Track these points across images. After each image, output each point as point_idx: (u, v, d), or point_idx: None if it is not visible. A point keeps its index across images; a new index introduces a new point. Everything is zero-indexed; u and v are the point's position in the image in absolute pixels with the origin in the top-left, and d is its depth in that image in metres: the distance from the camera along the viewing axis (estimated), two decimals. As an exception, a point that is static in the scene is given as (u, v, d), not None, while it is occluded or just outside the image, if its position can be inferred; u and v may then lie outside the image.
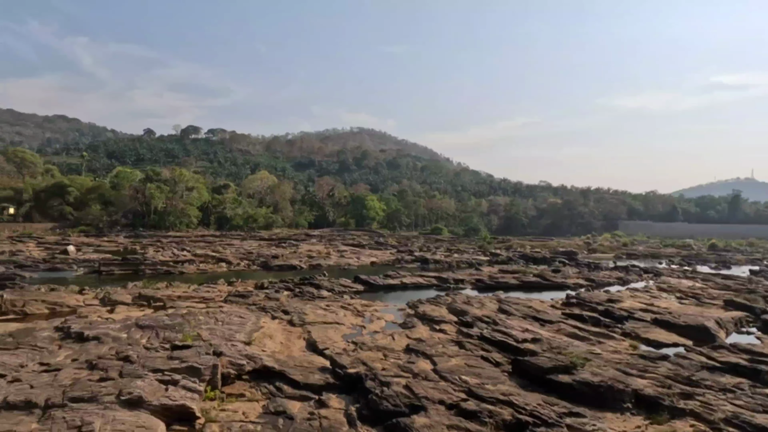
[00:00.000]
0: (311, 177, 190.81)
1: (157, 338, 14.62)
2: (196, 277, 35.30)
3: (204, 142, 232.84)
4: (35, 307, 21.27)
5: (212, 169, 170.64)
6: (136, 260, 39.81)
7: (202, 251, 50.79)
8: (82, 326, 15.44)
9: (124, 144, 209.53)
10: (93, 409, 9.59)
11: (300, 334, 17.54)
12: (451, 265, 45.34)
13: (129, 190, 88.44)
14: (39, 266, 37.55)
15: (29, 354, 12.81)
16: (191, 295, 25.02)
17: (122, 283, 29.37)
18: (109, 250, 53.52)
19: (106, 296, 23.92)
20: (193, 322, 16.40)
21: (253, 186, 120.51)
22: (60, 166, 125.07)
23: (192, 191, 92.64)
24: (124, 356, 12.61)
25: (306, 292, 26.95)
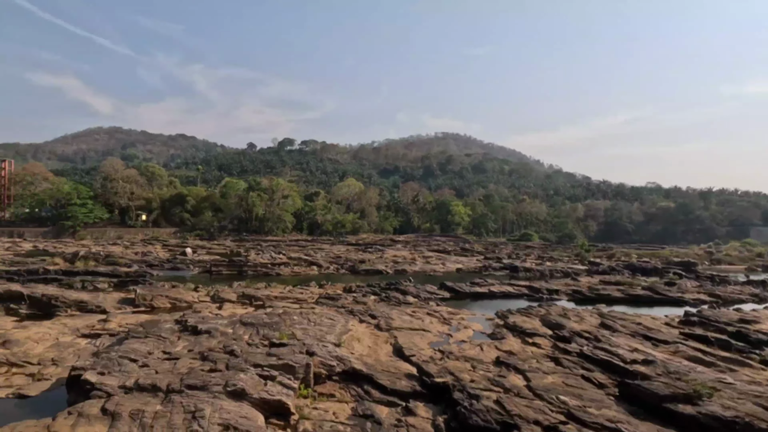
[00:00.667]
0: (396, 183, 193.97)
1: (258, 335, 15.79)
2: (290, 279, 37.76)
3: (298, 153, 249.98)
4: (160, 302, 24.47)
5: (305, 178, 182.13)
6: (240, 262, 43.87)
7: (296, 255, 54.27)
8: (196, 320, 17.30)
9: (231, 157, 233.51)
10: (204, 396, 10.61)
11: (387, 338, 17.70)
12: (544, 274, 42.54)
13: (234, 199, 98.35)
14: (164, 266, 43.33)
15: (155, 343, 14.66)
16: (287, 296, 26.78)
17: (229, 282, 32.55)
18: (219, 252, 59.81)
19: (215, 294, 26.67)
20: (288, 321, 17.46)
21: (342, 193, 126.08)
22: (180, 179, 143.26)
23: (287, 199, 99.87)
24: (230, 350, 13.81)
25: (392, 297, 27.24)
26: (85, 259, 44.17)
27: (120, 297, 25.43)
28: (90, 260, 43.88)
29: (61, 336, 17.29)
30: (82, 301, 22.85)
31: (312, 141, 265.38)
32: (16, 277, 31.50)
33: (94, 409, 9.92)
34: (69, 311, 21.90)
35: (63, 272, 34.17)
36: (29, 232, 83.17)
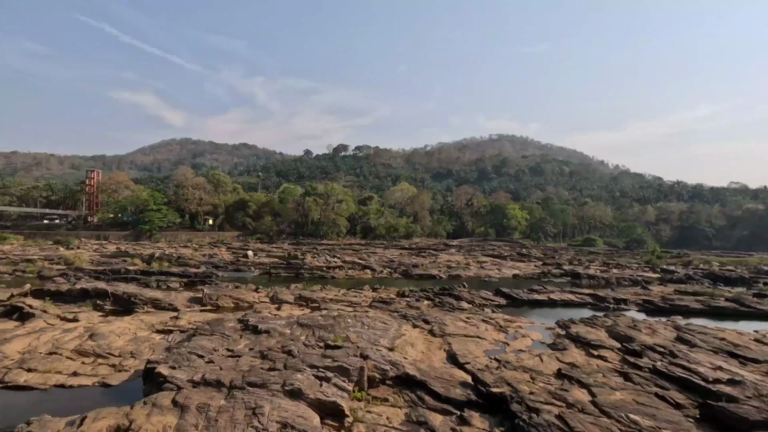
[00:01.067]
0: (449, 187, 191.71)
1: (314, 336, 16.19)
2: (345, 282, 38.44)
3: (351, 158, 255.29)
4: (224, 301, 25.93)
5: (358, 183, 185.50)
6: (297, 265, 45.44)
7: (350, 258, 55.25)
8: (256, 320, 18.10)
9: (288, 164, 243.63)
10: (264, 394, 11.03)
11: (440, 344, 17.42)
12: (610, 282, 39.82)
13: (292, 204, 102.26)
14: (228, 267, 45.95)
15: (220, 340, 15.52)
16: (341, 299, 27.28)
17: (286, 284, 33.80)
18: (277, 255, 62.42)
19: (274, 295, 27.78)
20: (342, 324, 17.74)
21: (395, 197, 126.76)
22: (243, 185, 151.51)
23: (341, 203, 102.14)
24: (288, 350, 14.27)
25: (446, 303, 26.81)
26: (160, 260, 48.02)
27: (189, 296, 27.29)
28: (164, 261, 47.65)
29: (139, 331, 18.84)
30: (157, 299, 24.79)
31: (365, 146, 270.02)
32: (102, 276, 34.92)
33: (166, 400, 10.66)
34: (145, 308, 23.86)
35: (141, 272, 37.35)
36: (113, 235, 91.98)
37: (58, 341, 16.64)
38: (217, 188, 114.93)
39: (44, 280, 33.12)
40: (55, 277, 34.49)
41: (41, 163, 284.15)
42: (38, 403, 11.94)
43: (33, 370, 13.88)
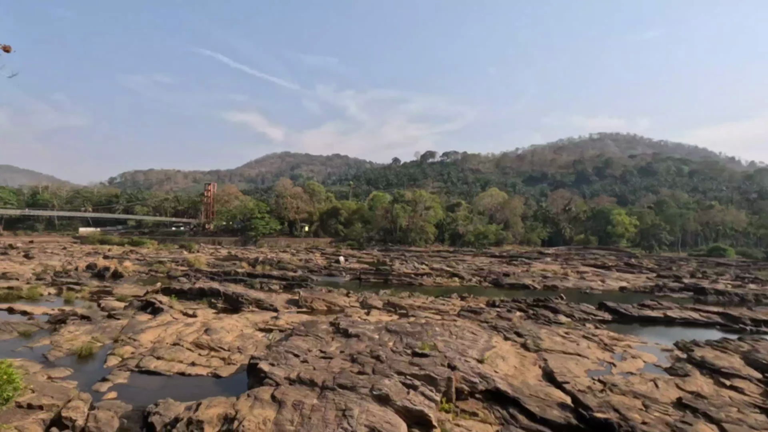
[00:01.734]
0: (543, 191, 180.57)
1: (401, 343, 16.25)
2: (432, 289, 38.14)
3: (439, 165, 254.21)
4: (318, 304, 27.36)
5: (446, 189, 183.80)
6: (386, 271, 46.28)
7: (437, 266, 54.74)
8: (347, 324, 18.75)
9: (377, 172, 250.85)
10: (353, 397, 11.32)
11: (535, 360, 16.30)
12: (745, 300, 33.82)
13: (381, 211, 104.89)
14: (321, 272, 48.53)
15: (313, 341, 16.35)
16: (429, 306, 27.08)
17: (375, 290, 34.59)
18: (367, 261, 64.30)
19: (364, 300, 28.60)
20: (430, 332, 17.55)
21: (484, 203, 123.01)
22: (335, 194, 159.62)
23: (429, 210, 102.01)
24: (376, 355, 14.50)
25: (541, 315, 25.10)
26: (263, 264, 52.54)
27: (287, 298, 29.34)
28: (266, 265, 52.02)
29: (245, 328, 20.70)
30: (260, 300, 27.07)
31: (453, 152, 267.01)
32: (216, 277, 39.23)
33: (266, 395, 11.50)
34: (251, 307, 26.19)
35: (247, 274, 41.16)
36: (225, 240, 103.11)
37: (180, 334, 19.01)
38: (312, 197, 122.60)
39: (171, 279, 38.26)
40: (179, 277, 39.63)
41: (170, 178, 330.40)
42: (164, 388, 13.71)
43: (161, 358, 16.00)
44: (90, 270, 42.83)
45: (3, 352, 15.79)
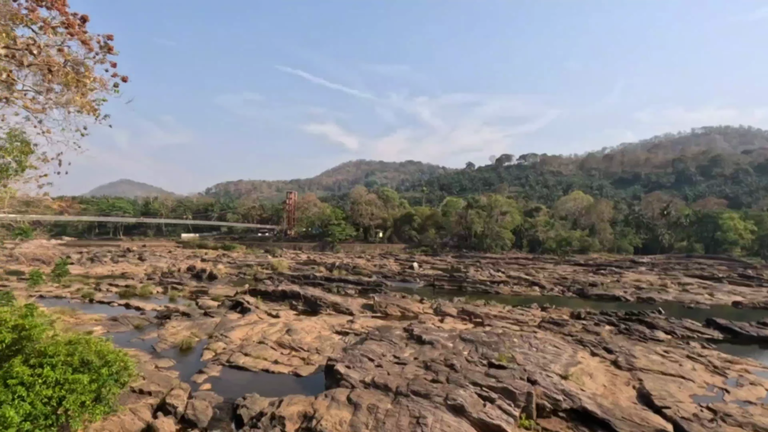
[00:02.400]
0: (636, 194, 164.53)
1: (477, 353, 15.75)
2: (510, 298, 36.53)
3: (516, 168, 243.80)
4: (392, 310, 27.58)
5: (524, 193, 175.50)
6: (461, 278, 45.33)
7: (515, 273, 52.35)
8: (421, 331, 18.64)
9: (451, 177, 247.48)
10: (427, 405, 11.18)
11: (628, 379, 14.80)
12: None
13: (455, 216, 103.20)
14: (395, 278, 48.96)
15: (387, 346, 16.49)
16: (506, 316, 25.95)
17: (449, 297, 34.02)
18: (441, 267, 63.56)
19: (438, 307, 28.25)
20: (507, 343, 16.78)
21: (566, 207, 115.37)
22: (409, 200, 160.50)
23: (506, 215, 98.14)
24: (450, 364, 14.21)
25: (634, 331, 22.77)
26: (339, 269, 54.39)
27: (362, 302, 30.01)
28: (342, 270, 53.78)
29: (322, 330, 21.53)
30: (337, 303, 28.02)
31: (531, 155, 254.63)
32: (296, 280, 41.42)
33: (342, 396, 11.82)
34: (328, 311, 27.21)
35: (325, 278, 42.88)
36: (305, 246, 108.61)
37: (265, 333, 20.32)
38: (386, 203, 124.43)
39: (257, 281, 41.16)
40: (264, 279, 42.50)
41: (257, 187, 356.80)
42: (250, 382, 14.73)
43: (248, 355, 17.23)
44: (190, 271, 47.73)
45: (121, 342, 18.10)
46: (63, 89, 8.14)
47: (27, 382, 7.83)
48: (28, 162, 12.03)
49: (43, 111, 8.29)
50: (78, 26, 7.36)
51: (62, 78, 7.79)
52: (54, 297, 30.31)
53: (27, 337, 8.58)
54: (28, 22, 7.23)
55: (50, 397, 7.88)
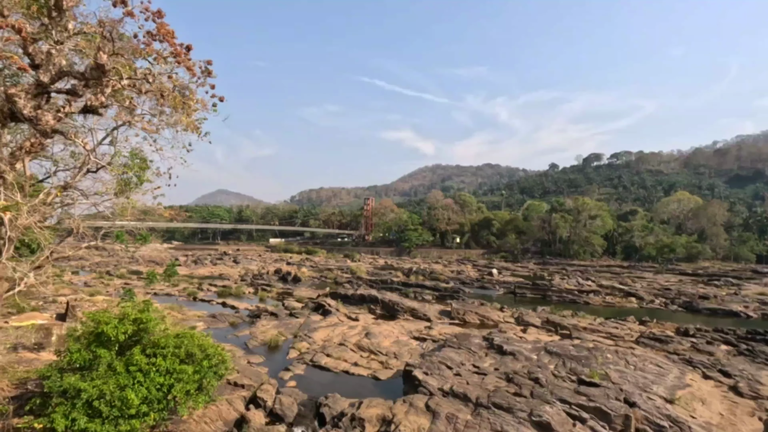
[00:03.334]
0: (758, 193, 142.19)
1: (564, 367, 14.68)
2: (601, 309, 33.60)
3: (606, 168, 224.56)
4: (470, 317, 26.85)
5: (616, 195, 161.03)
6: (544, 286, 42.76)
7: (607, 282, 48.09)
8: (501, 340, 17.88)
9: (532, 180, 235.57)
10: (509, 419, 10.65)
11: (752, 410, 12.72)
12: None
13: (537, 221, 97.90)
14: (473, 284, 47.66)
15: (466, 355, 16.06)
16: (597, 329, 23.88)
17: (532, 306, 32.23)
18: (522, 274, 60.58)
19: (520, 316, 26.90)
20: (600, 358, 15.40)
21: (668, 210, 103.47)
22: (486, 204, 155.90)
23: (595, 219, 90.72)
24: (535, 377, 13.41)
25: (759, 353, 19.54)
26: (416, 274, 54.41)
27: (440, 308, 29.64)
28: (419, 275, 53.73)
29: (400, 335, 21.65)
30: (414, 309, 28.01)
31: (624, 152, 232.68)
32: (374, 285, 42.24)
33: (420, 403, 11.73)
34: (405, 316, 27.31)
35: (402, 284, 43.19)
36: (382, 250, 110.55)
37: (345, 335, 20.98)
38: (463, 208, 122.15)
39: (337, 285, 42.76)
40: (344, 283, 44.01)
41: (337, 194, 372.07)
42: (332, 383, 15.27)
43: (330, 356, 17.90)
44: (277, 274, 51.11)
45: (218, 337, 19.89)
46: (172, 111, 9.23)
47: (144, 370, 8.92)
48: (146, 176, 13.82)
49: (156, 131, 9.46)
50: (184, 55, 8.30)
51: (172, 101, 8.83)
52: (165, 294, 34.35)
53: (144, 330, 9.80)
54: (144, 55, 8.33)
55: (162, 384, 8.89)
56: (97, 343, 9.14)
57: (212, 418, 10.80)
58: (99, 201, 13.75)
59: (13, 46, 8.08)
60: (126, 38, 8.09)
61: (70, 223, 12.40)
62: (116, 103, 8.89)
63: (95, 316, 9.49)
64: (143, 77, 8.15)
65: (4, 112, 7.59)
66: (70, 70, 7.84)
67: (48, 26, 7.89)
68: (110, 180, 13.51)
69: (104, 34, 7.56)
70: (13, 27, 7.19)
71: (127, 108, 9.08)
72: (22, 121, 7.77)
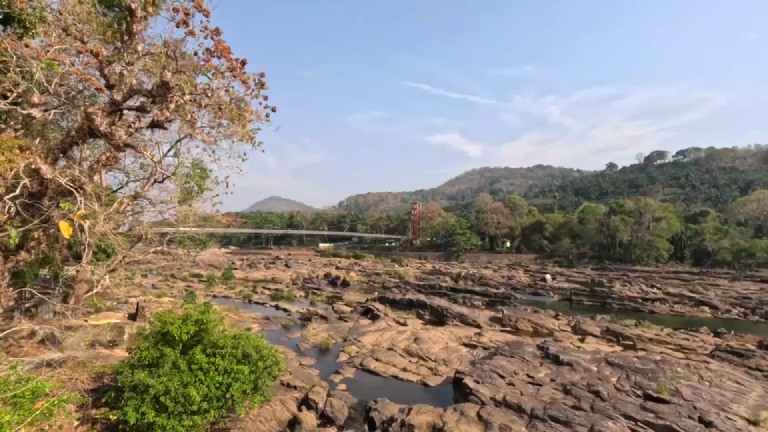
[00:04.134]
0: None
1: (628, 380, 13.71)
2: (669, 319, 31.13)
3: (671, 166, 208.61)
4: (523, 324, 25.88)
5: (683, 195, 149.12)
6: (603, 293, 40.33)
7: (675, 290, 44.54)
8: (557, 350, 17.04)
9: (588, 181, 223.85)
10: (568, 434, 10.10)
11: None
12: None
13: (594, 224, 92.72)
14: (525, 290, 45.94)
15: (519, 364, 15.46)
16: (665, 340, 22.13)
17: (590, 313, 30.50)
18: (578, 280, 57.56)
19: (576, 324, 25.55)
20: (668, 372, 14.22)
21: (745, 210, 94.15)
22: (538, 207, 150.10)
23: (660, 221, 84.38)
24: (595, 390, 12.63)
25: None
26: (465, 279, 53.37)
27: (490, 315, 28.83)
28: (468, 280, 52.65)
29: (449, 341, 21.28)
30: (463, 315, 27.45)
31: (692, 149, 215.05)
32: (422, 290, 41.93)
33: (471, 412, 11.42)
34: (454, 321, 26.83)
35: (450, 289, 42.51)
36: (430, 255, 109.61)
37: (393, 340, 20.96)
38: (513, 211, 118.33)
39: (385, 289, 42.89)
40: (392, 287, 44.08)
41: (384, 199, 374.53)
42: (381, 387, 15.28)
43: (378, 360, 17.94)
44: (326, 278, 52.21)
45: (272, 339, 20.58)
46: (229, 123, 9.72)
47: (205, 368, 9.40)
48: (205, 185, 14.67)
49: (215, 142, 10.01)
50: (239, 69, 8.73)
51: (229, 114, 9.31)
52: (223, 297, 36.17)
53: (205, 330, 10.33)
54: (204, 71, 8.86)
55: (221, 383, 9.32)
56: (163, 342, 9.77)
57: (267, 418, 11.16)
58: (164, 209, 14.78)
59: (91, 69, 8.90)
60: (187, 56, 8.65)
61: (139, 230, 13.38)
62: (179, 117, 9.52)
63: (161, 317, 10.16)
64: (203, 92, 8.66)
65: (84, 130, 8.36)
66: (140, 89, 8.49)
67: (120, 49, 8.62)
68: (174, 189, 14.49)
69: (168, 54, 8.13)
70: (92, 51, 7.92)
71: (188, 121, 9.68)
72: (98, 137, 8.51)
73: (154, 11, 8.62)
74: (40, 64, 7.49)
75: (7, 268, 8.44)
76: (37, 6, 9.44)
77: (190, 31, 7.91)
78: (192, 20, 7.92)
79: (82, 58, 8.44)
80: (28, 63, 7.70)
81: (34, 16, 9.51)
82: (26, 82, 7.73)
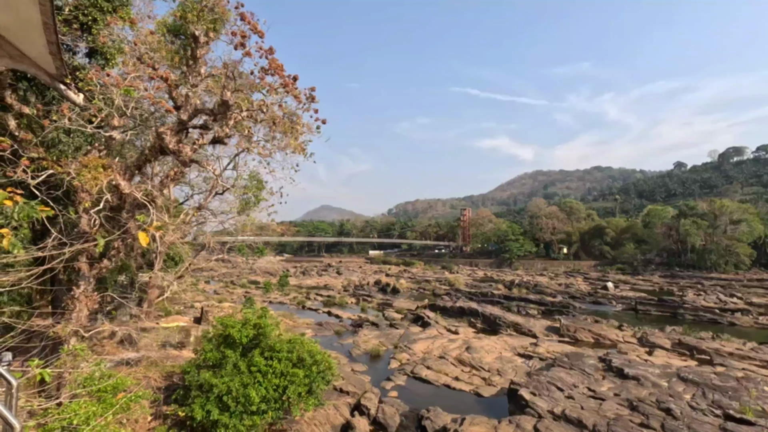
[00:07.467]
0: None
1: (704, 398, 12.56)
2: (753, 332, 28.12)
3: (751, 164, 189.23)
4: (583, 335, 24.52)
5: (766, 195, 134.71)
6: (674, 303, 37.31)
7: (759, 300, 40.19)
8: (621, 362, 15.98)
9: (652, 182, 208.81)
10: (635, 453, 9.42)
11: None
12: None
13: (661, 228, 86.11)
14: (585, 299, 43.50)
15: (579, 376, 14.67)
16: (748, 355, 20.00)
17: (659, 325, 28.29)
18: (644, 289, 53.62)
19: (643, 336, 23.79)
20: (753, 391, 12.85)
21: None
22: (597, 211, 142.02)
23: (739, 224, 76.69)
24: (665, 407, 11.70)
25: None
26: (519, 287, 51.53)
27: (546, 324, 27.62)
28: (522, 288, 50.79)
29: (503, 351, 20.64)
30: (518, 324, 26.53)
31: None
32: (474, 297, 41.02)
33: (528, 425, 11.00)
34: (508, 330, 25.99)
35: (503, 297, 41.24)
36: (481, 262, 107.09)
37: (445, 348, 20.69)
38: (570, 216, 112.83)
39: (436, 297, 42.45)
40: (442, 295, 43.54)
41: (432, 206, 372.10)
42: (432, 396, 15.12)
43: (430, 368, 17.78)
44: (376, 285, 52.64)
45: (324, 344, 21.05)
46: (282, 136, 10.23)
47: (263, 371, 9.84)
48: (261, 196, 15.44)
49: (269, 155, 10.55)
50: (291, 84, 9.19)
51: (282, 127, 9.80)
52: (278, 302, 37.59)
53: (263, 334, 10.83)
54: (259, 88, 9.41)
55: (278, 386, 9.71)
56: (225, 344, 10.37)
57: (321, 421, 11.43)
58: (225, 219, 15.75)
59: (161, 92, 9.77)
60: (244, 75, 9.25)
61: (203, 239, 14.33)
62: (237, 132, 10.16)
63: (223, 321, 10.81)
64: (258, 108, 9.19)
65: (156, 148, 9.16)
66: (203, 108, 9.19)
67: (186, 73, 9.38)
68: (233, 200, 15.41)
69: (228, 74, 8.74)
70: (162, 77, 8.70)
71: (245, 136, 10.30)
72: (168, 154, 9.29)
73: (215, 36, 9.32)
74: (119, 90, 8.34)
75: (92, 274, 9.38)
76: (116, 39, 10.54)
77: (247, 52, 8.46)
78: (248, 42, 8.47)
79: (154, 83, 9.29)
80: (109, 90, 8.60)
81: (114, 48, 10.61)
82: (108, 107, 8.63)
